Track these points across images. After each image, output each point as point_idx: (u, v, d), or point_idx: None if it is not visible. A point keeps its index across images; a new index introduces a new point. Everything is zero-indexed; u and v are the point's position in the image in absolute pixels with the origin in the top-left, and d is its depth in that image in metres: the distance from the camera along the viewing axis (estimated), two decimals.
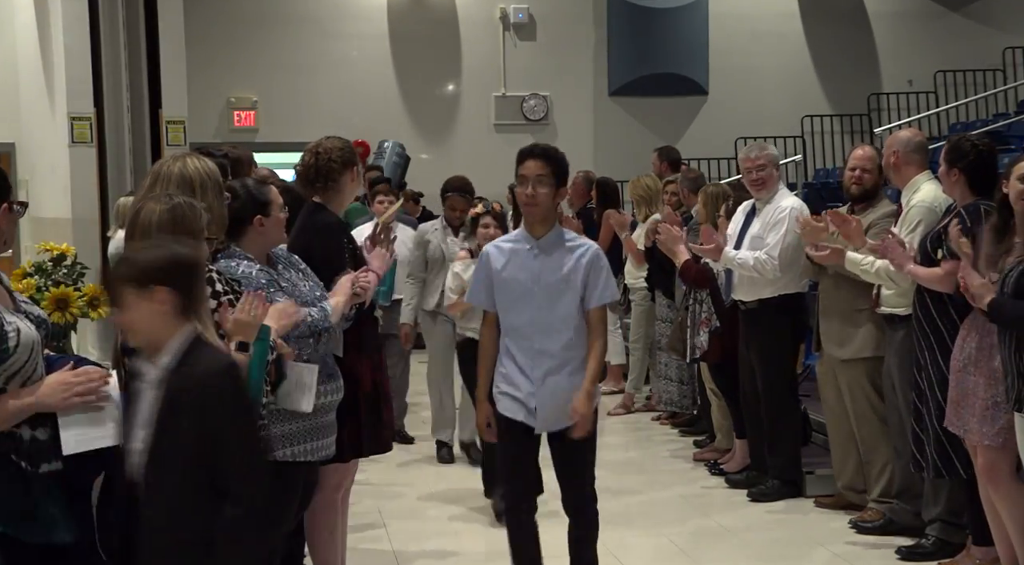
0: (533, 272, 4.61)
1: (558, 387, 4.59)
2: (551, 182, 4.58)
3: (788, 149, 14.69)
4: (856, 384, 6.24)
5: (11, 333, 3.10)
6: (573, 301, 4.60)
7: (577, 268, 4.60)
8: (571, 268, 4.60)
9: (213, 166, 3.98)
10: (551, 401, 4.59)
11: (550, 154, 4.64)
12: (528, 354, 4.63)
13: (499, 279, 4.67)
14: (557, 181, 4.60)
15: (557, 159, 4.64)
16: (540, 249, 4.62)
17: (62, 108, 10.80)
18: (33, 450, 3.18)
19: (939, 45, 15.71)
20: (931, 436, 5.31)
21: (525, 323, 4.63)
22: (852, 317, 6.21)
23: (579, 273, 4.59)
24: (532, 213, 4.62)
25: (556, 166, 4.61)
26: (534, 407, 4.61)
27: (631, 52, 15.31)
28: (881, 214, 6.16)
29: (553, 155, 4.65)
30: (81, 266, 6.03)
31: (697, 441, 8.24)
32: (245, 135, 14.47)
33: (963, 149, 5.29)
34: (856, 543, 6.03)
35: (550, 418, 4.62)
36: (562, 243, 4.64)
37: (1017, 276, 4.55)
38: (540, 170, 4.58)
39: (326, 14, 15.08)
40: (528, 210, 4.63)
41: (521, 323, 4.64)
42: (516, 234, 4.77)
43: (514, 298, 4.64)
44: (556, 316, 4.60)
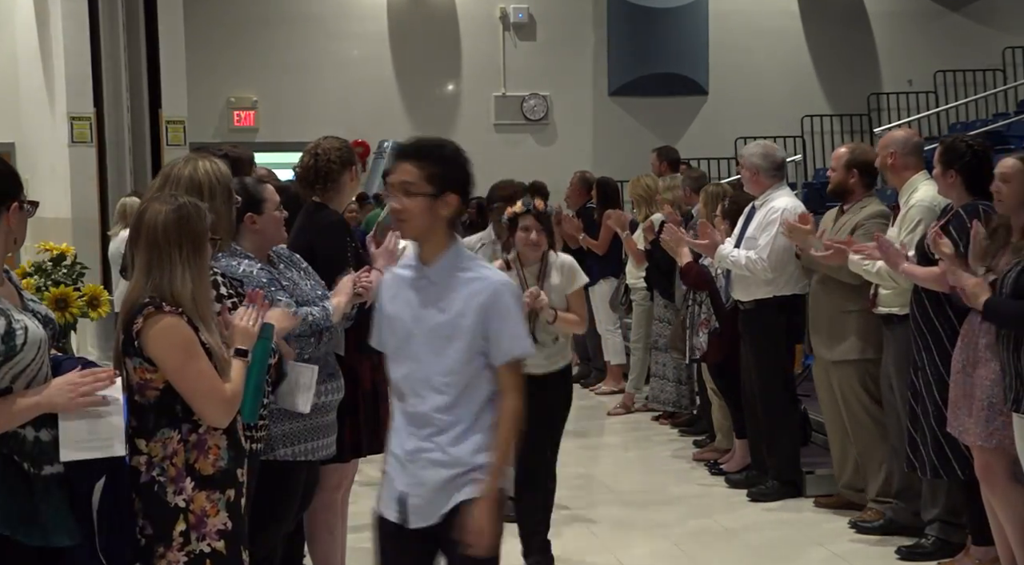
0: (414, 310, 3.44)
1: (431, 464, 3.40)
2: (426, 190, 3.34)
3: (788, 149, 14.68)
4: (847, 385, 6.26)
5: (19, 331, 3.11)
6: (460, 352, 3.37)
7: (467, 310, 3.37)
8: (459, 310, 3.37)
9: (225, 169, 3.98)
10: (421, 486, 3.41)
11: (425, 153, 3.41)
12: (404, 419, 3.49)
13: (385, 316, 3.54)
14: (441, 187, 3.36)
15: (438, 158, 3.41)
16: (429, 279, 3.43)
17: (62, 108, 10.81)
18: (36, 451, 3.18)
19: (939, 45, 15.72)
20: (928, 437, 5.31)
21: (401, 377, 3.48)
22: (840, 319, 6.22)
23: (468, 317, 3.36)
24: (403, 231, 3.47)
25: (436, 168, 3.37)
26: (405, 494, 3.43)
27: (631, 52, 15.32)
28: (867, 215, 6.17)
29: (430, 154, 3.41)
30: (81, 266, 6.03)
31: (697, 441, 8.24)
32: (245, 135, 14.48)
33: (959, 150, 5.29)
34: (856, 543, 6.03)
35: (425, 510, 3.41)
36: (456, 273, 3.41)
37: (1016, 276, 4.56)
38: (408, 176, 3.37)
39: (326, 14, 15.08)
40: (398, 227, 3.51)
41: (398, 377, 3.50)
42: (412, 256, 3.58)
43: (395, 343, 3.50)
44: (436, 370, 3.40)
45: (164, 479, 3.33)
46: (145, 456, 3.34)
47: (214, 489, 3.37)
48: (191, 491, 3.34)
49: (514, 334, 3.41)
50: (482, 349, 3.38)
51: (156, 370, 3.31)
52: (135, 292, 3.37)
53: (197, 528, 3.34)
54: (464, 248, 3.49)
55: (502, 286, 3.42)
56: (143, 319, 3.29)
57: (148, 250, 3.36)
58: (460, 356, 3.37)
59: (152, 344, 3.28)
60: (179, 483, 3.33)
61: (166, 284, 3.33)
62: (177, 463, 3.34)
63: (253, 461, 3.85)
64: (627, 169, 12.03)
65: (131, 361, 3.33)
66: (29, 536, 3.13)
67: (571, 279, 5.51)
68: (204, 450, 3.36)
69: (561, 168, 11.99)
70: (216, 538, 3.37)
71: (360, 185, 7.18)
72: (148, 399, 3.34)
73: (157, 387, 3.33)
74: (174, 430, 3.34)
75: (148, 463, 3.34)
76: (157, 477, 3.33)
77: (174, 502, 3.33)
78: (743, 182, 7.02)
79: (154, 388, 3.33)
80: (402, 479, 3.43)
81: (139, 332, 3.29)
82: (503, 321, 3.38)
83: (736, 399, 7.22)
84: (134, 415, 3.37)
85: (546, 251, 5.50)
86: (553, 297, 5.42)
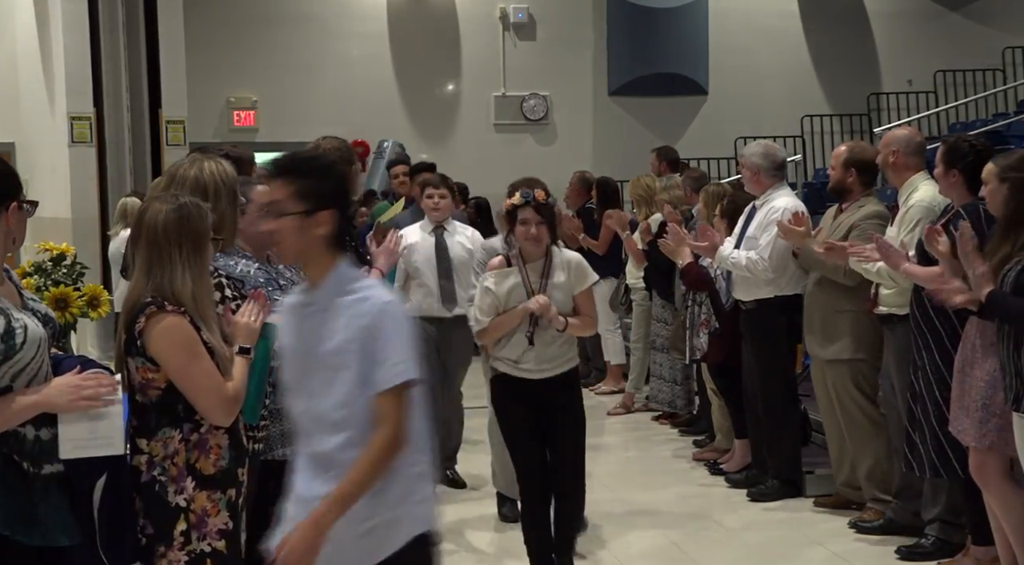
0: (305, 339, 3.15)
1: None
2: (297, 208, 3.07)
3: (788, 149, 14.67)
4: (840, 385, 6.27)
5: (18, 329, 3.11)
6: (349, 383, 3.05)
7: (352, 336, 3.04)
8: (345, 336, 3.05)
9: (231, 170, 3.98)
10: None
11: (293, 169, 3.14)
12: (308, 460, 3.18)
13: (283, 348, 3.30)
14: (313, 204, 3.07)
15: (307, 173, 3.13)
16: (316, 305, 3.14)
17: (62, 108, 10.81)
18: (36, 450, 3.18)
19: (939, 45, 15.71)
20: (928, 436, 5.31)
21: (300, 414, 3.21)
22: (833, 319, 6.24)
23: (354, 343, 3.03)
24: (280, 254, 3.23)
25: (306, 184, 3.09)
26: None
27: (631, 52, 15.31)
28: (863, 215, 6.17)
29: (298, 169, 3.14)
30: (81, 266, 6.03)
31: (697, 441, 8.24)
32: (245, 135, 14.46)
33: (961, 150, 5.29)
34: (856, 543, 6.03)
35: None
36: (340, 296, 3.09)
37: (1016, 274, 4.55)
38: (276, 194, 3.11)
39: (326, 14, 15.07)
40: (276, 250, 3.26)
41: (297, 414, 3.23)
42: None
43: (292, 376, 3.22)
44: (329, 405, 3.08)
45: (165, 479, 3.33)
46: (146, 455, 3.35)
47: (215, 489, 3.38)
48: (192, 491, 3.34)
49: (397, 360, 3.03)
50: (374, 378, 3.03)
51: (158, 369, 3.31)
52: (136, 291, 3.38)
53: (198, 528, 3.35)
54: (349, 268, 3.16)
55: (386, 306, 3.08)
56: (145, 319, 3.29)
57: (148, 249, 3.37)
58: (350, 388, 3.04)
59: (154, 343, 3.29)
60: (180, 483, 3.34)
61: (166, 283, 3.33)
62: (178, 463, 3.34)
63: (254, 461, 3.85)
64: (627, 169, 12.02)
65: (133, 361, 3.34)
66: (29, 536, 3.13)
67: (580, 278, 5.19)
68: (205, 450, 3.37)
69: (561, 168, 11.98)
70: (217, 538, 3.37)
71: (360, 185, 7.20)
72: (150, 398, 3.35)
73: (159, 386, 3.33)
74: (175, 430, 3.35)
75: (149, 462, 3.34)
76: (158, 477, 3.33)
77: (175, 502, 3.33)
78: (744, 182, 7.03)
79: (156, 388, 3.33)
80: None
81: (141, 331, 3.29)
82: (384, 345, 3.02)
83: (736, 399, 7.23)
84: (135, 415, 3.37)
85: (550, 246, 5.16)
86: (558, 296, 5.12)
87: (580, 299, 5.20)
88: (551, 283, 5.13)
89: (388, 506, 3.08)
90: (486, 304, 5.13)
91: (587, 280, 5.21)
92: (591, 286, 5.23)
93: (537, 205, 5.07)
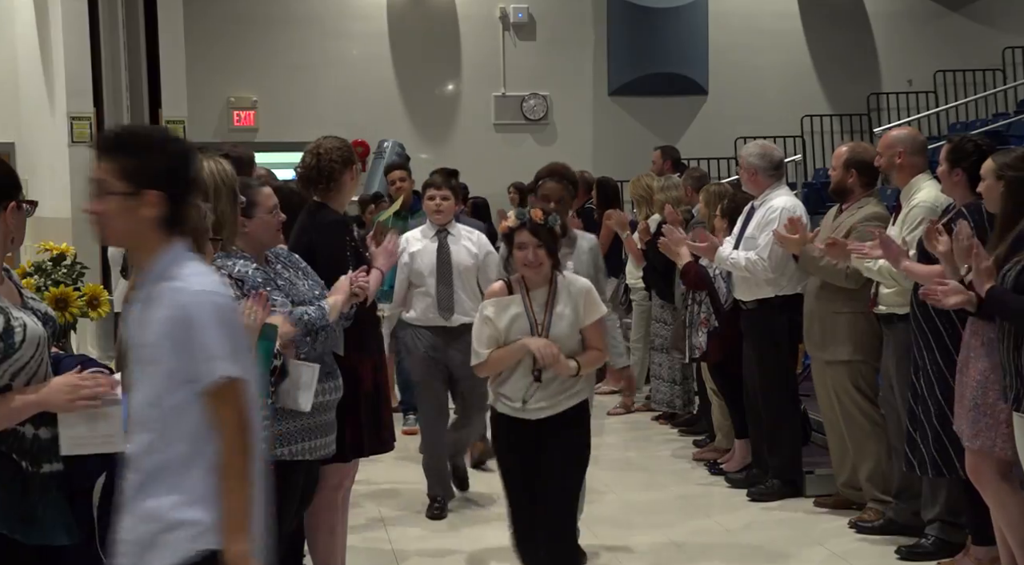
0: (131, 330, 2.91)
1: (131, 516, 2.81)
2: (120, 188, 2.80)
3: (788, 149, 14.67)
4: (840, 386, 6.27)
5: (17, 328, 3.11)
6: (159, 378, 2.77)
7: (163, 327, 2.76)
8: (158, 328, 2.78)
9: (230, 170, 3.98)
10: (123, 543, 2.81)
11: (119, 145, 2.86)
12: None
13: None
14: (138, 183, 2.80)
15: (134, 150, 2.84)
16: (142, 293, 2.88)
17: (62, 108, 10.81)
18: (35, 449, 3.18)
19: (939, 45, 15.71)
20: (929, 436, 5.31)
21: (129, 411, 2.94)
22: (832, 320, 6.24)
23: (166, 334, 2.75)
24: (102, 237, 2.93)
25: (132, 161, 2.82)
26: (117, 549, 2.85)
27: (631, 52, 15.31)
28: (862, 216, 6.16)
29: (125, 145, 2.86)
30: (81, 266, 6.02)
31: (697, 441, 8.24)
32: (245, 135, 14.46)
33: (966, 149, 5.29)
34: (856, 543, 6.03)
35: None
36: (162, 283, 2.80)
37: (1016, 275, 4.55)
38: (100, 173, 2.83)
39: (326, 14, 15.07)
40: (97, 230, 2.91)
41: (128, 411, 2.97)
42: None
43: (128, 369, 2.99)
44: (139, 401, 2.84)
45: None
46: None
47: None
48: None
49: (209, 354, 2.71)
50: (189, 375, 2.74)
51: None
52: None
53: None
54: (179, 254, 2.83)
55: (202, 294, 2.77)
56: None
57: None
58: (160, 383, 2.76)
59: None
60: None
61: None
62: None
63: None
64: (627, 169, 12.02)
65: None
66: (28, 534, 3.13)
67: (589, 309, 4.60)
68: None
69: None
70: None
71: (360, 185, 7.17)
72: None
73: None
74: None
75: None
76: None
77: None
78: (741, 182, 7.03)
79: None
80: (120, 530, 2.84)
81: None
82: (196, 337, 2.71)
83: (736, 399, 7.23)
84: None
85: (554, 272, 4.59)
86: (563, 329, 4.55)
87: (589, 332, 4.61)
88: (553, 316, 4.56)
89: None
90: (484, 335, 4.59)
91: (597, 311, 4.62)
92: (602, 317, 4.65)
93: (534, 226, 4.50)
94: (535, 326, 4.54)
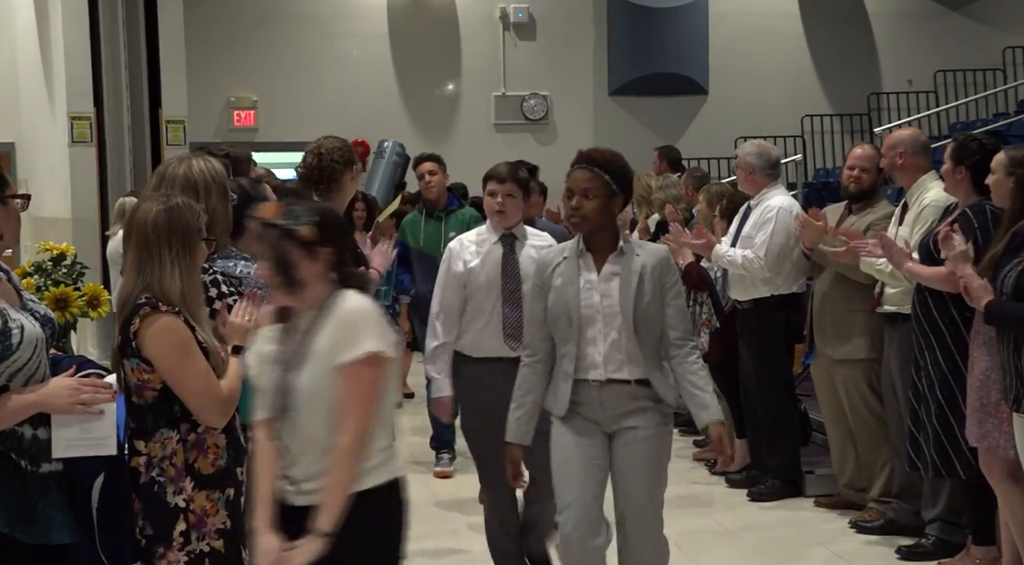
0: None
1: None
2: None
3: (788, 149, 14.68)
4: (852, 385, 6.25)
5: (15, 330, 3.11)
6: None
7: None
8: None
9: (219, 168, 3.97)
10: None
11: None
12: None
13: None
14: None
15: None
16: None
17: (62, 108, 10.80)
18: (35, 449, 3.18)
19: (939, 45, 15.71)
20: (930, 436, 5.30)
21: None
22: (847, 318, 6.21)
23: None
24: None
25: None
26: None
27: (631, 52, 15.31)
28: (882, 215, 6.14)
29: None
30: (81, 266, 6.03)
31: (697, 441, 8.24)
32: (245, 135, 14.47)
33: (969, 148, 5.29)
34: (856, 543, 6.03)
35: None
36: None
37: (1016, 276, 4.55)
38: None
39: (326, 14, 15.08)
40: None
41: None
42: None
43: None
44: None
45: (164, 479, 3.33)
46: (144, 457, 3.34)
47: (214, 488, 3.37)
48: (191, 491, 3.34)
49: None
50: None
51: (153, 371, 3.30)
52: (127, 290, 3.37)
53: (197, 528, 3.34)
54: None
55: None
56: (140, 320, 3.29)
57: (138, 248, 3.37)
58: None
59: (149, 344, 3.28)
60: (179, 483, 3.33)
61: (156, 282, 3.32)
62: (176, 463, 3.33)
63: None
64: None
65: (128, 362, 3.33)
66: (28, 534, 3.13)
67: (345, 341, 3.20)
68: (203, 449, 3.36)
69: (561, 168, 11.90)
70: (215, 537, 3.37)
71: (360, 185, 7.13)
72: (146, 400, 3.34)
73: (155, 387, 3.32)
74: (173, 430, 3.34)
75: (147, 464, 3.33)
76: (157, 477, 3.33)
77: (174, 502, 3.33)
78: (738, 182, 7.03)
79: (152, 389, 3.32)
80: None
81: (136, 332, 3.29)
82: None
83: (737, 399, 7.23)
84: (132, 416, 3.36)
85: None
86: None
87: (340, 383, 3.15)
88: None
89: None
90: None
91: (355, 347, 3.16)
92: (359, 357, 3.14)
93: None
94: None
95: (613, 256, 4.30)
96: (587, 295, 4.26)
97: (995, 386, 4.78)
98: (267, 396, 3.24)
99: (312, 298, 3.21)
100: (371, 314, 3.20)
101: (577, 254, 4.32)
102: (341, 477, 3.13)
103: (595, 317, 4.26)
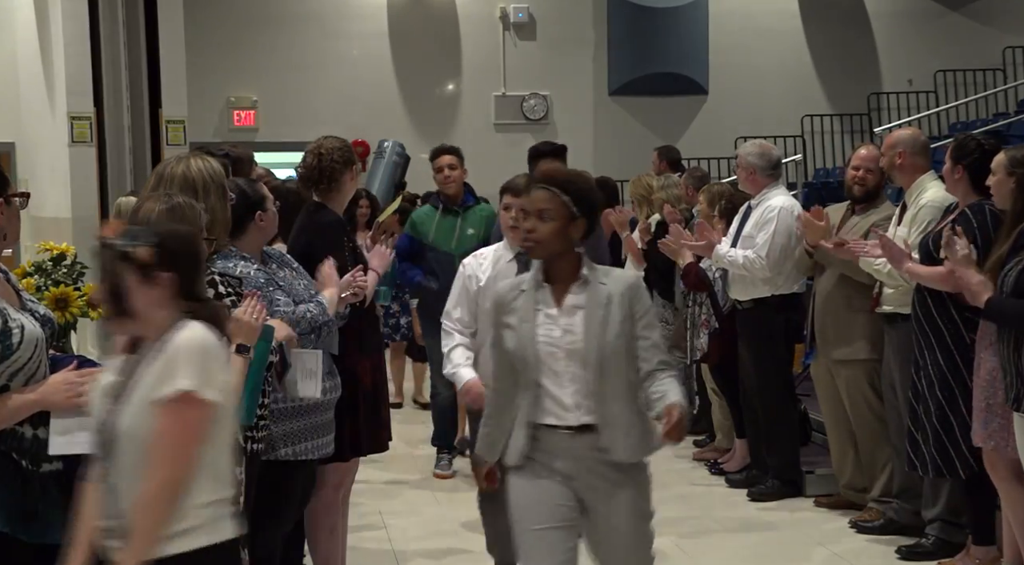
0: None
1: None
2: None
3: (788, 149, 14.68)
4: (854, 385, 6.25)
5: (15, 330, 3.11)
6: None
7: None
8: None
9: (218, 167, 3.98)
10: None
11: None
12: None
13: None
14: None
15: None
16: None
17: (62, 108, 10.79)
18: (35, 449, 3.18)
19: (939, 45, 15.71)
20: (929, 436, 5.30)
21: None
22: (849, 318, 6.21)
23: None
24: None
25: None
26: None
27: (631, 52, 15.31)
28: (885, 215, 6.14)
29: None
30: (81, 266, 6.02)
31: (697, 441, 8.24)
32: (245, 135, 14.47)
33: (968, 147, 5.30)
34: (856, 543, 6.03)
35: None
36: None
37: (1016, 275, 4.55)
38: None
39: (326, 14, 15.08)
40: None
41: None
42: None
43: None
44: None
45: None
46: None
47: None
48: None
49: None
50: None
51: None
52: None
53: None
54: None
55: None
56: None
57: None
58: None
59: None
60: None
61: None
62: None
63: (254, 461, 3.85)
64: (627, 169, 12.02)
65: None
66: (28, 533, 3.14)
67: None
68: None
69: None
70: None
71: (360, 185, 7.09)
72: None
73: None
74: None
75: None
76: None
77: None
78: (738, 181, 7.02)
79: None
80: None
81: None
82: None
83: (736, 399, 7.22)
84: None
85: None
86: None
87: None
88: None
89: None
90: None
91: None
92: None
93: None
94: None
95: (576, 286, 3.76)
96: (547, 331, 3.74)
97: (1002, 387, 4.78)
98: (94, 432, 2.92)
99: (154, 328, 2.83)
100: (200, 350, 2.79)
101: (535, 286, 3.79)
102: (142, 534, 2.71)
103: (557, 355, 3.74)
